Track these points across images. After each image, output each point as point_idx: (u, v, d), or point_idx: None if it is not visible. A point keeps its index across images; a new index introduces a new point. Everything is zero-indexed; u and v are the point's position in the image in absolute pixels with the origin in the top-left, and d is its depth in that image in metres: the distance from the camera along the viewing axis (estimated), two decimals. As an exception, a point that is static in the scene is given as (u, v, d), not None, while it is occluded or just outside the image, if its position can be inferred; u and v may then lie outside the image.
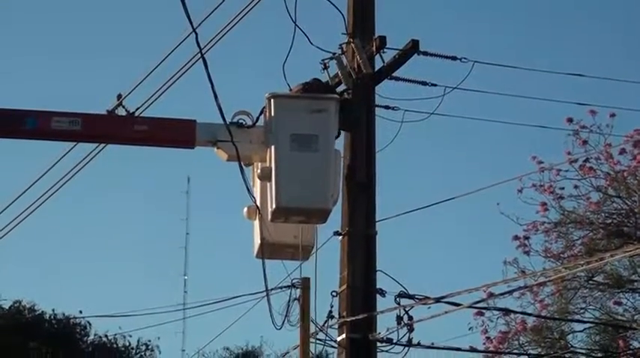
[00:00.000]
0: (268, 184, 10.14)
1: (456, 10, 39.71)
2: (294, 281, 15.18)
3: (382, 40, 11.02)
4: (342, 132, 10.73)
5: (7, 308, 31.14)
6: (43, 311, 31.07)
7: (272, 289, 11.96)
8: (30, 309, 31.12)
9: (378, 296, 10.81)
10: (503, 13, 41.11)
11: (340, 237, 10.96)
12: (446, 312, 10.48)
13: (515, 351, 16.40)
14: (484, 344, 16.27)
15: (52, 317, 31.10)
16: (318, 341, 12.91)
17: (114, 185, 43.19)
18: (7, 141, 10.80)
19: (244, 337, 35.46)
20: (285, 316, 12.43)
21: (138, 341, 31.95)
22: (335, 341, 11.09)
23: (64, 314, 30.96)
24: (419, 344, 10.71)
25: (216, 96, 9.43)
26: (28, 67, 44.70)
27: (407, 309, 10.58)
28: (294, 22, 10.51)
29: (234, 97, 10.48)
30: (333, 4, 10.84)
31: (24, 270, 40.55)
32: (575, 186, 16.46)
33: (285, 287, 14.42)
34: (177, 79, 10.87)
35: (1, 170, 39.12)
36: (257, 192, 10.44)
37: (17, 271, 39.28)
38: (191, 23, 8.69)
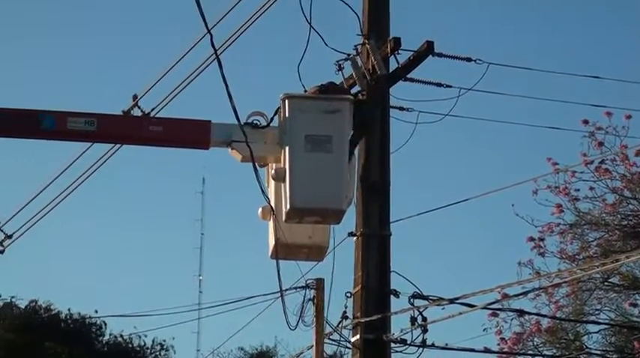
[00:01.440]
0: (282, 185, 10.15)
1: (471, 11, 39.71)
2: (308, 281, 15.24)
3: (397, 41, 11.02)
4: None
5: (23, 307, 31.27)
6: (59, 311, 31.20)
7: (286, 290, 11.98)
8: (46, 309, 31.24)
9: (392, 297, 10.81)
10: (518, 14, 41.08)
11: (354, 238, 10.97)
12: (460, 313, 10.48)
13: (529, 352, 16.39)
14: (498, 345, 16.27)
15: (68, 316, 31.21)
16: (332, 342, 12.94)
17: (128, 186, 43.37)
18: (23, 142, 10.83)
19: (259, 337, 35.59)
20: (300, 316, 12.46)
21: (153, 340, 32.08)
22: (349, 341, 11.09)
23: (79, 314, 31.09)
24: (433, 345, 10.71)
25: (230, 97, 9.44)
26: (44, 66, 44.90)
27: (421, 310, 10.58)
28: (309, 24, 10.52)
29: (248, 98, 10.51)
30: (349, 6, 10.84)
31: (40, 270, 40.74)
32: (591, 188, 16.45)
33: (299, 287, 14.48)
34: (193, 79, 10.90)
35: (17, 171, 39.25)
36: (271, 192, 10.45)
37: (33, 271, 39.48)
38: (206, 24, 8.72)
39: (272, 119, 10.39)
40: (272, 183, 10.44)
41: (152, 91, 10.94)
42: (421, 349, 10.60)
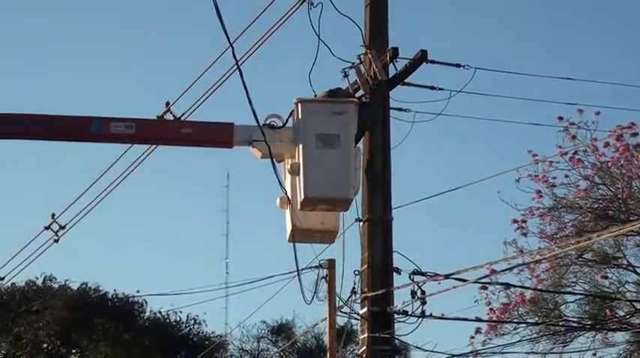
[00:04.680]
0: (297, 178, 10.09)
1: (461, 21, 39.61)
2: (321, 262, 15.20)
3: (395, 50, 10.99)
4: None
5: (75, 289, 31.29)
6: (106, 292, 31.21)
7: (302, 269, 11.93)
8: (95, 290, 31.24)
9: (394, 274, 10.76)
10: (504, 24, 41.01)
11: (361, 223, 10.91)
12: (454, 287, 10.43)
13: (515, 320, 16.30)
14: (488, 314, 16.18)
15: (114, 296, 31.22)
16: (343, 314, 12.89)
17: (163, 182, 43.38)
18: (73, 144, 10.77)
19: (279, 311, 35.55)
20: (314, 293, 12.42)
21: (187, 316, 32.06)
22: (358, 313, 11.05)
23: (124, 294, 31.11)
24: (431, 315, 10.68)
25: (250, 102, 9.39)
26: (89, 79, 44.97)
27: (420, 285, 10.54)
28: (318, 36, 10.44)
29: (266, 102, 10.44)
30: (352, 20, 10.78)
31: (90, 256, 40.78)
32: (566, 176, 16.34)
33: (313, 267, 14.44)
34: (217, 87, 10.87)
35: (68, 170, 39.28)
36: (288, 184, 10.38)
37: (84, 257, 39.52)
38: (228, 38, 8.66)
39: (287, 120, 10.31)
40: (288, 176, 10.36)
41: (182, 98, 10.93)
42: (421, 319, 10.56)
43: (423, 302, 10.50)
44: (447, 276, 10.46)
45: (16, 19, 44.68)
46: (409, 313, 10.56)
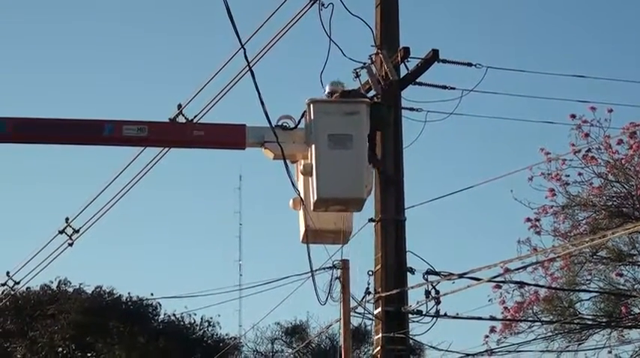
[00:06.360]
0: (310, 178, 10.10)
1: (472, 20, 39.56)
2: (335, 262, 15.18)
3: (406, 50, 10.98)
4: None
5: (90, 292, 31.35)
6: (120, 295, 31.26)
7: (316, 270, 11.92)
8: (109, 293, 31.30)
9: (408, 273, 10.75)
10: (515, 22, 40.96)
11: (374, 223, 10.91)
12: (468, 286, 10.41)
13: (529, 319, 16.25)
14: (502, 313, 16.13)
15: (128, 299, 31.27)
16: (357, 315, 12.89)
17: (177, 184, 43.44)
18: (86, 147, 10.78)
19: (293, 313, 35.57)
20: (328, 293, 12.41)
21: (201, 318, 32.08)
22: (372, 314, 11.04)
23: (138, 297, 31.16)
24: (445, 314, 10.65)
25: (263, 104, 9.41)
26: (102, 82, 45.10)
27: (434, 284, 10.52)
28: (330, 37, 10.46)
29: (278, 103, 10.44)
30: (363, 21, 10.81)
31: (104, 260, 40.88)
32: (579, 174, 16.26)
33: (327, 268, 14.43)
34: (229, 89, 10.88)
35: (81, 173, 39.38)
36: (300, 185, 10.40)
37: (98, 260, 39.62)
38: (240, 40, 8.69)
39: (299, 121, 10.33)
40: (301, 177, 10.37)
41: (194, 100, 10.94)
42: (435, 318, 10.54)
43: (438, 302, 10.48)
44: (460, 276, 10.44)
45: (18, 20, 44.88)
46: (423, 313, 10.54)
